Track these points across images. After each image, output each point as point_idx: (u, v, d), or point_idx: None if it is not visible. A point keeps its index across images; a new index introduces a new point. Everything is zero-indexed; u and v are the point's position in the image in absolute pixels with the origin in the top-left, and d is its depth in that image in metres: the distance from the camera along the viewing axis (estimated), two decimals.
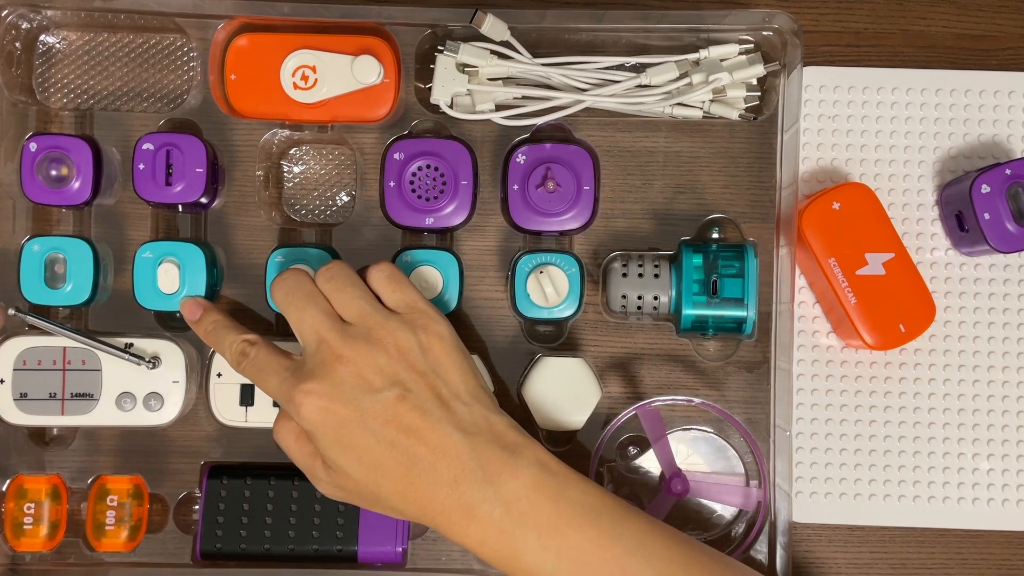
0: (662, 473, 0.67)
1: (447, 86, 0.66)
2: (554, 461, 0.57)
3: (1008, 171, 0.66)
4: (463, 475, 0.55)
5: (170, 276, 0.65)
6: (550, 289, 0.66)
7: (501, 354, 0.69)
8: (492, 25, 0.65)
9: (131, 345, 0.66)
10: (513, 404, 0.68)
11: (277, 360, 0.59)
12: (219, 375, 0.66)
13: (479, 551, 0.56)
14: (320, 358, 0.57)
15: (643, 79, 0.66)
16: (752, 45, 0.67)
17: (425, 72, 0.68)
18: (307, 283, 0.60)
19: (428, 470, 0.55)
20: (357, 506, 0.65)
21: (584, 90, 0.67)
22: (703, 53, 0.67)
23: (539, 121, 0.67)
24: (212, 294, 0.67)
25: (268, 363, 0.59)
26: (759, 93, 0.68)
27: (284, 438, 0.59)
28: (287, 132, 0.69)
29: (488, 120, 0.67)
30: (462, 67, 0.67)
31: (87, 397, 0.65)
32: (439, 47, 0.66)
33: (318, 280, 0.60)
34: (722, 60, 0.67)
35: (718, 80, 0.65)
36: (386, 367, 0.57)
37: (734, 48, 0.67)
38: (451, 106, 0.67)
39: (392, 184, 0.67)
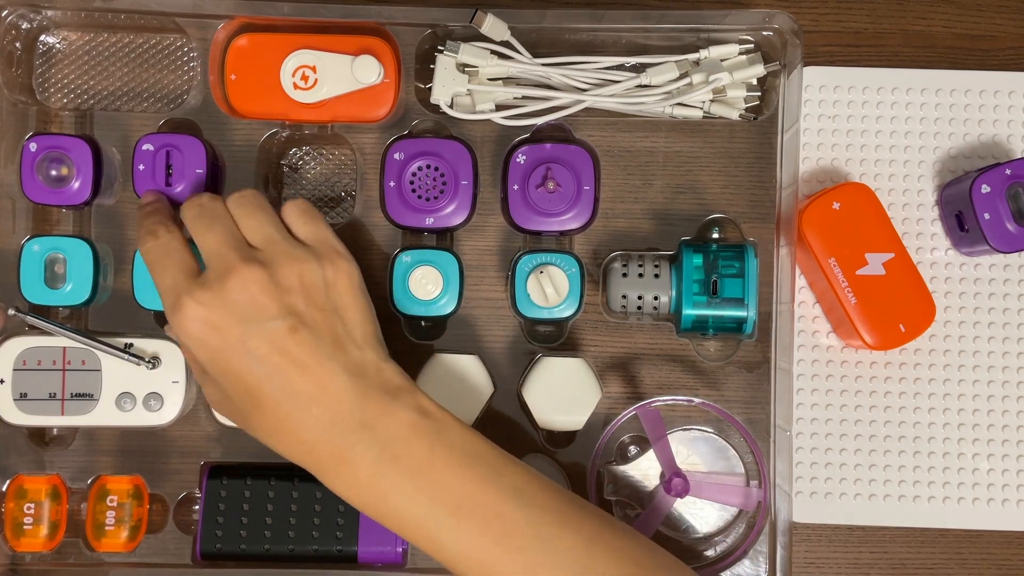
0: (662, 473, 0.67)
1: (447, 86, 0.66)
2: (436, 407, 0.56)
3: (1008, 171, 0.66)
4: (340, 417, 0.54)
5: None
6: (550, 289, 0.66)
7: (501, 354, 0.69)
8: (492, 25, 0.65)
9: (131, 345, 0.66)
10: (513, 404, 0.68)
11: (183, 257, 0.57)
12: None
13: (348, 495, 0.54)
14: (217, 272, 0.55)
15: (643, 79, 0.66)
16: (752, 45, 0.67)
17: (425, 72, 0.68)
18: (220, 206, 0.58)
19: (304, 408, 0.54)
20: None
21: (584, 90, 0.67)
22: (703, 53, 0.67)
23: (539, 121, 0.67)
24: None
25: (173, 256, 0.57)
26: (759, 93, 0.68)
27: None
28: (287, 132, 0.69)
29: (488, 120, 0.67)
30: (462, 67, 0.67)
31: (87, 397, 0.65)
32: (439, 47, 0.66)
33: (228, 203, 0.58)
34: (722, 60, 0.67)
35: (718, 80, 0.65)
36: (285, 296, 0.55)
37: (734, 48, 0.67)
38: (451, 106, 0.67)
39: (392, 184, 0.67)
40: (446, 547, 0.54)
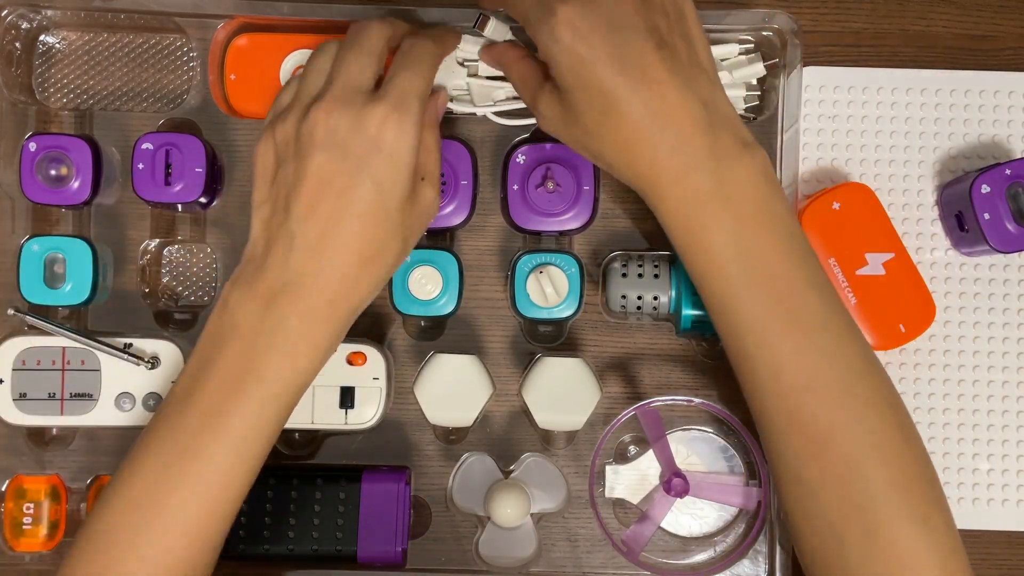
0: (662, 473, 0.67)
1: (446, 80, 0.66)
2: (777, 179, 0.56)
3: (1008, 171, 0.66)
4: (689, 143, 0.54)
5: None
6: (550, 289, 0.65)
7: (501, 354, 0.69)
8: (495, 28, 0.65)
9: (130, 345, 0.66)
10: (513, 404, 0.68)
11: None
12: None
13: (669, 218, 0.55)
14: None
15: None
16: (752, 45, 0.67)
17: None
18: None
19: (659, 128, 0.53)
20: (357, 509, 0.65)
21: None
22: None
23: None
24: None
25: None
26: (759, 93, 0.68)
27: (520, 72, 0.59)
28: None
29: (488, 120, 0.66)
30: (461, 61, 0.66)
31: (86, 397, 0.65)
32: None
33: None
34: (722, 60, 0.67)
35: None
36: (650, 13, 0.54)
37: (734, 48, 0.67)
38: (451, 100, 0.67)
39: None
40: (733, 303, 0.55)
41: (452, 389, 0.66)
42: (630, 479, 0.68)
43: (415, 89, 0.55)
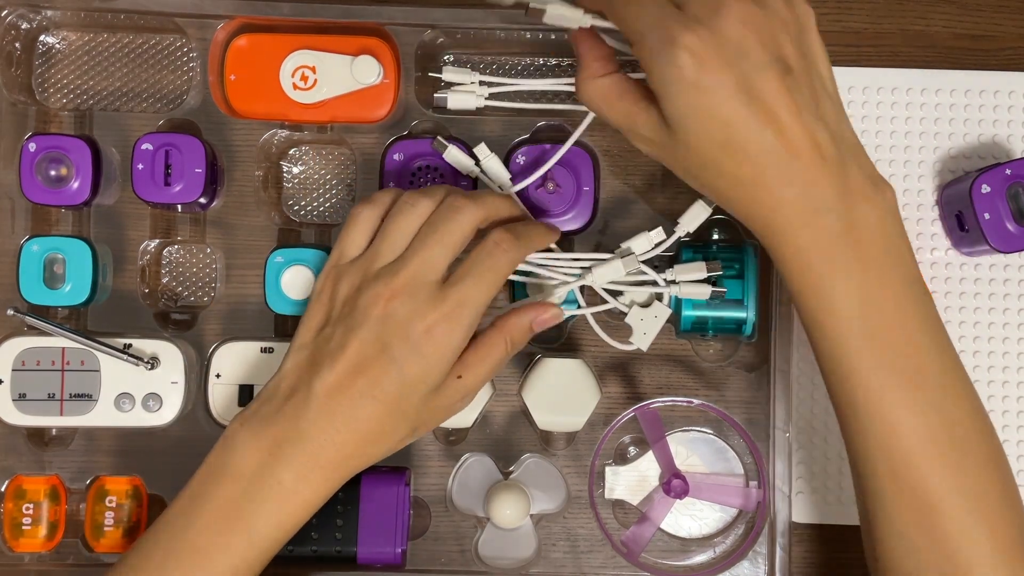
0: (662, 474, 0.67)
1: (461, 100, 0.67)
2: (900, 214, 0.54)
3: (1008, 171, 0.66)
4: (818, 181, 0.51)
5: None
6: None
7: None
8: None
9: (130, 346, 0.65)
10: (513, 405, 0.68)
11: None
12: (218, 376, 0.66)
13: (789, 261, 0.53)
14: (708, 7, 0.50)
15: None
16: None
17: (425, 76, 0.68)
18: None
19: (784, 166, 0.51)
20: (356, 510, 0.65)
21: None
22: None
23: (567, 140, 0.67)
24: None
25: None
26: None
27: (601, 92, 0.55)
28: (286, 132, 0.69)
29: (488, 120, 0.66)
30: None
31: (86, 398, 0.65)
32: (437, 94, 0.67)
33: None
34: None
35: None
36: (770, 35, 0.50)
37: None
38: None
39: (392, 185, 0.67)
40: (851, 357, 0.53)
41: None
42: (630, 480, 0.68)
43: (475, 302, 0.54)
